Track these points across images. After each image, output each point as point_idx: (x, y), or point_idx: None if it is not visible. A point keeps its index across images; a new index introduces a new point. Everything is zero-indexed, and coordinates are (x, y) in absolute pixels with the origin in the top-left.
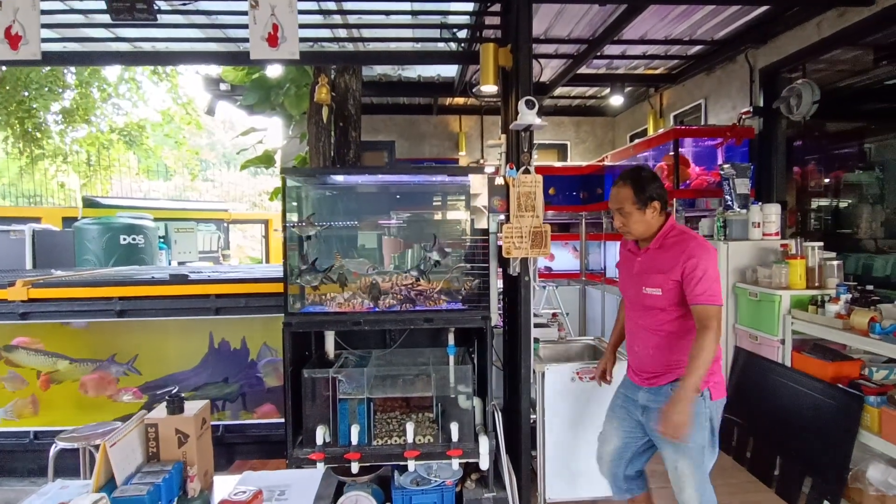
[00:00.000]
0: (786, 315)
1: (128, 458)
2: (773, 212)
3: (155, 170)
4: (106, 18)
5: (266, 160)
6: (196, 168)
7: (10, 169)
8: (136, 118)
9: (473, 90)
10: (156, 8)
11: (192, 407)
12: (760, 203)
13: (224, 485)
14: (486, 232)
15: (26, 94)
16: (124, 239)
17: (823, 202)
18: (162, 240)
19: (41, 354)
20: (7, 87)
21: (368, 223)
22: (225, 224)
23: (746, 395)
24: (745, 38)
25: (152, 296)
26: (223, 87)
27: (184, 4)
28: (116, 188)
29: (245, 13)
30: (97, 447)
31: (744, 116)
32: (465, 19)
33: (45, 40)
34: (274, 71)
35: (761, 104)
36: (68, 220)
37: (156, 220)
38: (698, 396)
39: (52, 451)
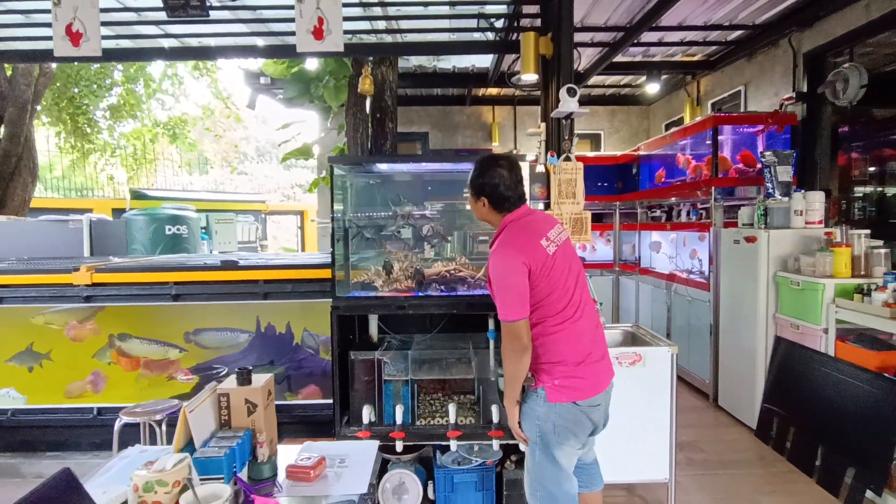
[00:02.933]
0: (829, 304)
1: (204, 424)
2: (817, 199)
3: (196, 163)
4: (156, 16)
5: (305, 152)
6: (235, 161)
7: (62, 163)
8: (179, 113)
9: (512, 79)
10: (207, 4)
11: (259, 379)
12: (803, 191)
13: (286, 453)
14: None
15: (76, 90)
16: (169, 229)
17: (869, 190)
18: (204, 230)
19: (153, 343)
20: (58, 84)
21: (406, 212)
22: (262, 215)
23: (787, 385)
24: (789, 21)
25: (205, 281)
26: (263, 80)
27: (232, 0)
28: (160, 181)
29: (289, 7)
30: (158, 422)
31: (786, 103)
32: (502, 9)
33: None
34: (312, 64)
35: (805, 90)
36: (117, 212)
37: (198, 211)
38: (533, 393)
39: (117, 425)
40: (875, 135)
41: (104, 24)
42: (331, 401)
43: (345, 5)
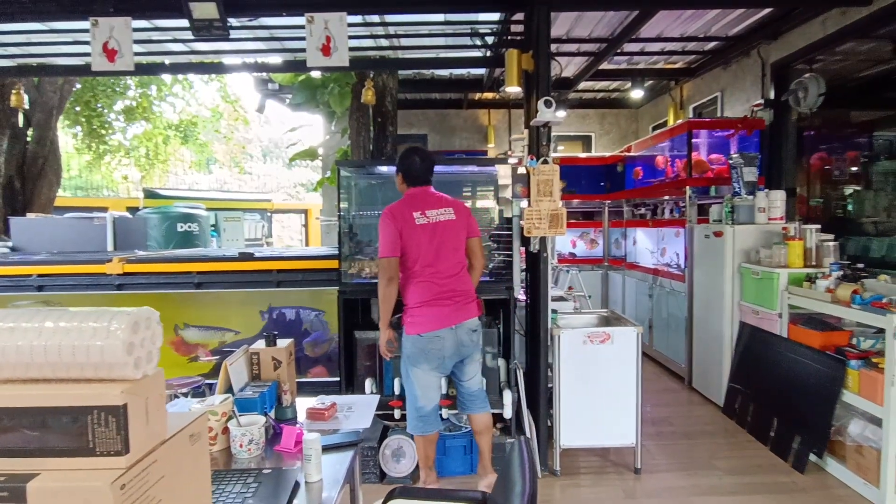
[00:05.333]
0: (783, 291)
1: (240, 375)
2: (779, 198)
3: (204, 163)
4: (183, 34)
5: (311, 154)
6: (242, 161)
7: (79, 163)
8: (189, 115)
9: (499, 90)
10: (229, 26)
11: (282, 343)
12: (767, 190)
13: (302, 404)
14: (510, 218)
15: (92, 94)
16: (181, 227)
17: (830, 189)
18: (213, 228)
19: (210, 330)
20: (76, 87)
21: None
22: (268, 213)
23: (748, 365)
24: (757, 34)
25: (224, 270)
26: (272, 86)
27: (250, 20)
28: (171, 180)
29: (301, 27)
30: (185, 394)
31: (755, 108)
32: (492, 27)
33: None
34: (318, 72)
35: (772, 97)
36: (131, 210)
37: (207, 209)
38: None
39: None
40: (835, 138)
41: (136, 41)
42: (336, 379)
43: (350, 24)
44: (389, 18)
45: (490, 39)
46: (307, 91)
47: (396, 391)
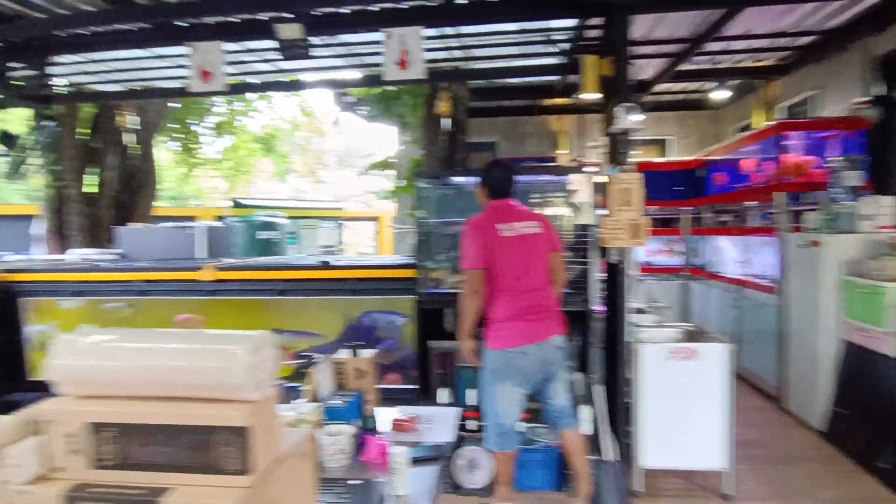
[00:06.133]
0: (893, 307)
1: (326, 384)
2: (888, 204)
3: (283, 172)
4: (270, 55)
5: (386, 165)
6: (317, 169)
7: (174, 175)
8: (270, 129)
9: (573, 94)
10: (310, 44)
11: (366, 353)
12: (873, 195)
13: (382, 414)
14: (586, 226)
15: (185, 112)
16: (263, 234)
17: None
18: (291, 235)
19: (296, 334)
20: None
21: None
22: (341, 221)
23: (855, 388)
24: (859, 26)
25: (305, 278)
26: (348, 99)
27: (331, 36)
28: (251, 190)
29: (377, 42)
30: None
31: (858, 106)
32: (567, 34)
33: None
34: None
35: (882, 93)
36: (219, 219)
37: (287, 217)
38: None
39: None
40: None
41: (228, 63)
42: (411, 386)
43: (425, 37)
44: (465, 30)
45: (564, 46)
46: (382, 103)
47: (470, 402)
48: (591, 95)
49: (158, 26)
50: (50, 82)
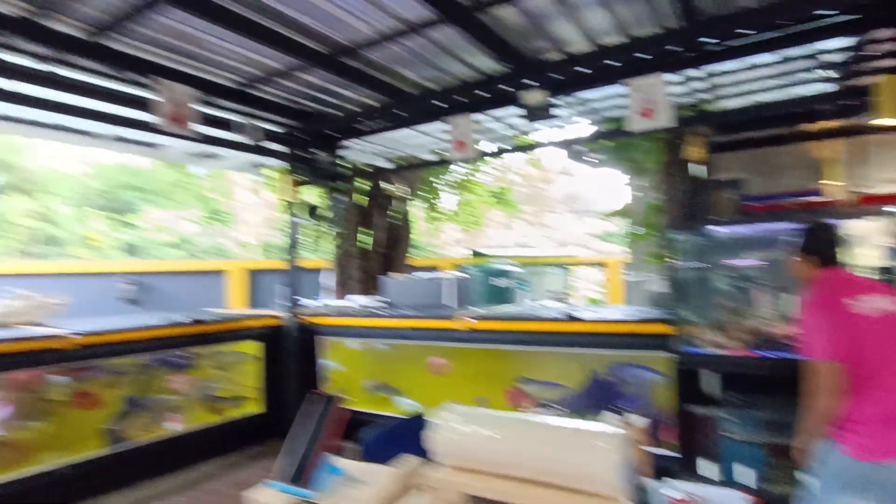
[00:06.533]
0: None
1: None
2: None
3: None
4: (515, 122)
5: (624, 213)
6: (544, 217)
7: (420, 229)
8: (503, 182)
9: (860, 116)
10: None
11: (636, 420)
12: None
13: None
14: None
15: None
16: (497, 281)
17: None
18: (521, 282)
19: (544, 384)
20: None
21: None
22: (566, 267)
23: None
24: None
25: (551, 331)
26: (578, 147)
27: (568, 94)
28: (479, 238)
29: (619, 96)
30: None
31: None
32: (842, 55)
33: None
34: None
35: None
36: (458, 268)
37: (519, 265)
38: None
39: None
40: None
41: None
42: (669, 454)
43: (671, 83)
44: (712, 68)
45: (836, 69)
46: (615, 150)
47: (737, 479)
48: (889, 121)
49: (422, 109)
50: (339, 162)
